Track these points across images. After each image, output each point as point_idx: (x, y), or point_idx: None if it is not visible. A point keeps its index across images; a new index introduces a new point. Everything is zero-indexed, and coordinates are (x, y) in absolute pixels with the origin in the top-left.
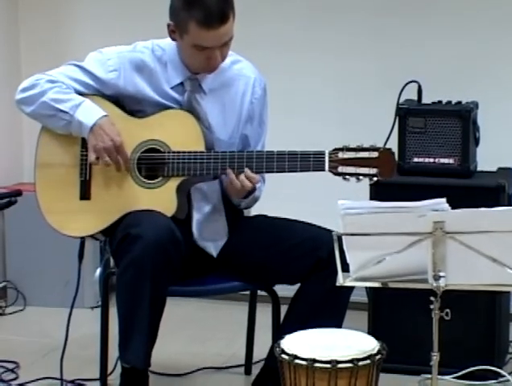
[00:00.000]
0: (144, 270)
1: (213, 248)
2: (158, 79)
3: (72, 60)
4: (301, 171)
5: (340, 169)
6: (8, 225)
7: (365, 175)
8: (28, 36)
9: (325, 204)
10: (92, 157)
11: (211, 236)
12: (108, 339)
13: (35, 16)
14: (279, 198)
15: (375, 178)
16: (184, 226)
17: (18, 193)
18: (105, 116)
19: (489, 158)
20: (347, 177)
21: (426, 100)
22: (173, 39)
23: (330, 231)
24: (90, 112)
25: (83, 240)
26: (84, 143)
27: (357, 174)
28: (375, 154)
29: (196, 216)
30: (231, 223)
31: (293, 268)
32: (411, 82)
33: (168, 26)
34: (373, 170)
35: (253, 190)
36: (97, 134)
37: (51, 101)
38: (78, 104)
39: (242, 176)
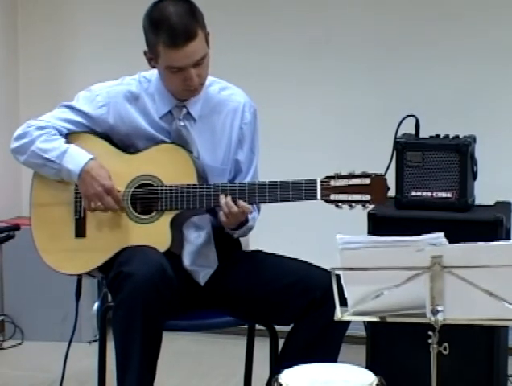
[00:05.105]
0: (135, 309)
1: (201, 277)
2: (147, 109)
3: (64, 101)
4: (293, 201)
5: (333, 197)
6: (6, 259)
7: (357, 202)
8: (27, 76)
9: (323, 238)
10: (87, 205)
11: (200, 264)
12: (105, 374)
13: (34, 56)
14: (277, 231)
15: (368, 205)
16: (175, 257)
17: (17, 227)
18: (92, 159)
19: (486, 191)
20: (339, 205)
21: (423, 134)
22: (153, 67)
23: (325, 270)
24: (76, 159)
25: (80, 277)
26: None
27: (349, 202)
28: (367, 181)
29: (187, 246)
30: (225, 254)
31: (286, 311)
32: (409, 116)
33: (145, 54)
34: (366, 197)
35: (246, 221)
36: (86, 181)
37: (39, 151)
38: (64, 152)
39: (235, 207)
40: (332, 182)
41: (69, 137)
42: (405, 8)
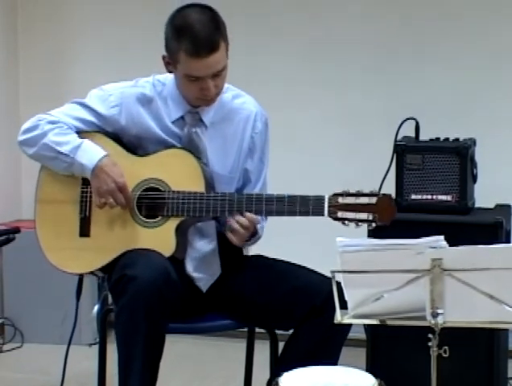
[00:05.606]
0: (138, 312)
1: (203, 283)
2: (160, 113)
3: (74, 99)
4: (300, 215)
5: (340, 214)
6: (6, 262)
7: (364, 221)
8: (27, 77)
9: (323, 241)
10: (97, 200)
11: (203, 272)
12: (106, 377)
13: (34, 57)
14: (279, 234)
15: (374, 224)
16: (178, 262)
17: (17, 230)
18: (106, 156)
19: (486, 194)
20: (346, 222)
21: (423, 137)
22: (169, 72)
23: (326, 277)
24: (90, 154)
25: (81, 277)
26: (84, 180)
27: (356, 220)
28: (374, 200)
29: (190, 252)
30: (227, 260)
31: (287, 318)
32: (409, 119)
33: (163, 58)
34: (372, 216)
35: (256, 232)
36: (100, 177)
37: (52, 144)
38: (78, 146)
39: (243, 219)
40: (340, 200)
41: (79, 135)
42: (405, 8)
